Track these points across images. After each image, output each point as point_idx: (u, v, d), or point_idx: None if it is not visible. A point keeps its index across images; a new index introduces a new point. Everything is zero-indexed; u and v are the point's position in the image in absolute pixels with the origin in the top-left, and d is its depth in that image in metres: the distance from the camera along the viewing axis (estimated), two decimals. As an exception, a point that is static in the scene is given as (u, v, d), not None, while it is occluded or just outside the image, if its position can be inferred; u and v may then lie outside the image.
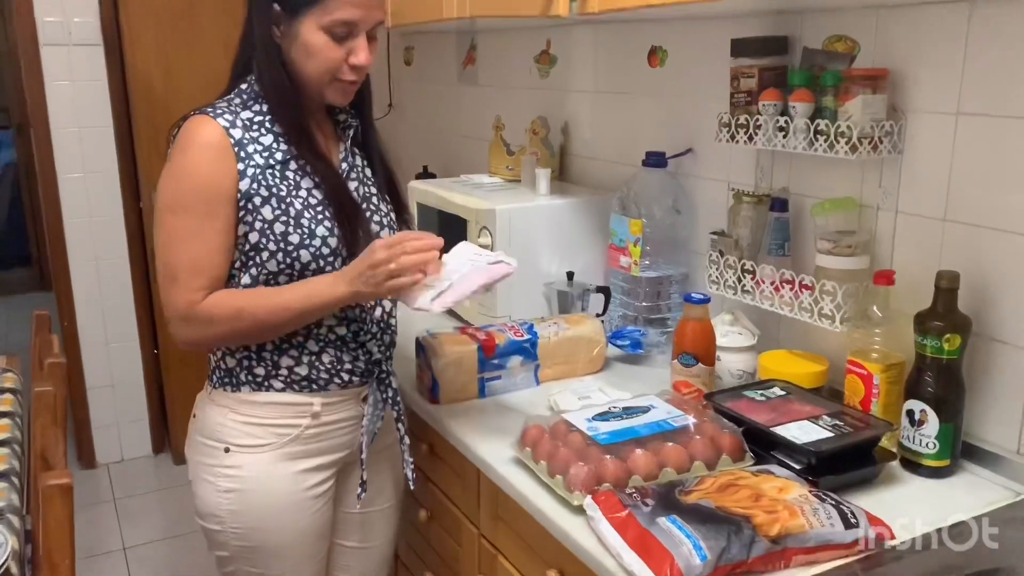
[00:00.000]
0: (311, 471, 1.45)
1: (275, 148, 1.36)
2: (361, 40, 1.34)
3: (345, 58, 1.34)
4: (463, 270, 1.34)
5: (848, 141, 1.38)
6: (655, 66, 1.96)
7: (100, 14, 3.15)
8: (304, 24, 1.31)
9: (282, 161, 1.36)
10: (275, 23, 1.34)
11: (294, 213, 1.34)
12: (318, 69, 1.34)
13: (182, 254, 1.31)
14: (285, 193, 1.34)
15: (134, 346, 3.47)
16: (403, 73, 3.21)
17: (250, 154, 1.33)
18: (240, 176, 1.32)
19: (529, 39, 2.40)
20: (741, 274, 1.60)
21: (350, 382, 1.45)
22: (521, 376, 1.68)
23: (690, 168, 1.88)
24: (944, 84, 1.36)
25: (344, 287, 1.31)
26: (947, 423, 1.30)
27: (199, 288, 1.32)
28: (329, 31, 1.31)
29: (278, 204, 1.33)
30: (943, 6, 1.34)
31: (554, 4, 1.57)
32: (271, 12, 1.33)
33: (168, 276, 1.33)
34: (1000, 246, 1.31)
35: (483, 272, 1.34)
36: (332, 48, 1.32)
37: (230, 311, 1.32)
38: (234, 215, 1.33)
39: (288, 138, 1.37)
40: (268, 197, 1.33)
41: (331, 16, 1.30)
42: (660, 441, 1.29)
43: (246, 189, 1.32)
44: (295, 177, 1.36)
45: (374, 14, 1.34)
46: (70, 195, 3.24)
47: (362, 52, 1.34)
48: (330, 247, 1.35)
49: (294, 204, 1.34)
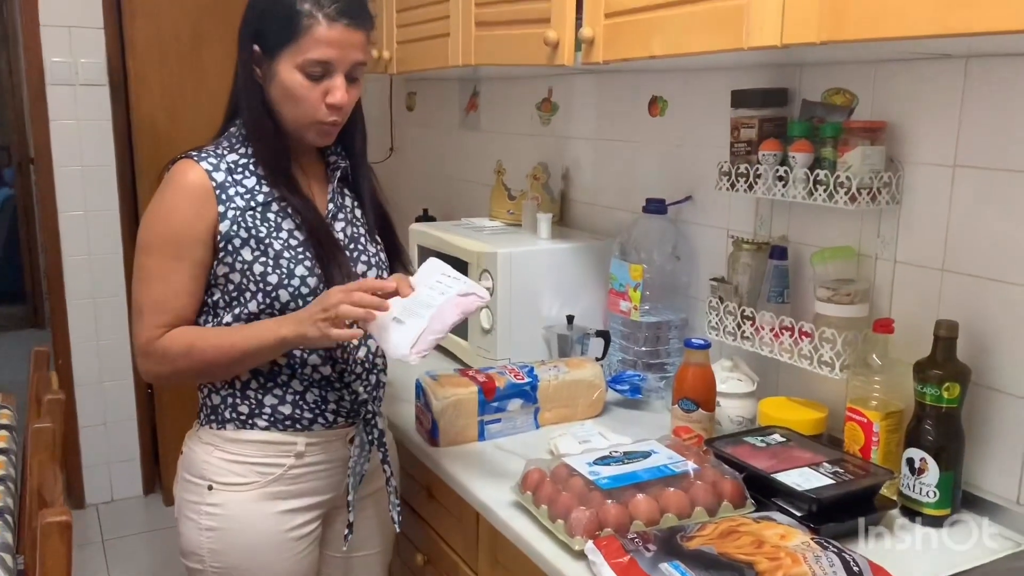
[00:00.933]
0: (295, 512, 1.44)
1: (257, 190, 1.38)
2: (337, 80, 1.34)
3: (322, 98, 1.34)
4: (435, 303, 1.31)
5: (847, 191, 1.40)
6: (655, 115, 1.99)
7: (107, 55, 3.19)
8: (281, 64, 1.33)
9: (264, 203, 1.37)
10: (256, 63, 1.37)
11: (273, 254, 1.35)
12: (296, 109, 1.35)
13: (148, 293, 1.36)
14: (265, 234, 1.36)
15: (128, 384, 3.45)
16: (405, 118, 3.26)
17: (231, 197, 1.35)
18: (220, 219, 1.34)
19: (531, 87, 2.44)
20: (741, 320, 1.61)
21: (335, 422, 1.45)
22: (521, 419, 1.68)
23: (690, 215, 1.90)
24: (941, 137, 1.39)
25: (289, 328, 1.30)
26: (947, 472, 1.30)
27: (160, 326, 1.35)
28: (304, 71, 1.32)
29: (257, 245, 1.35)
30: (939, 61, 1.38)
31: (559, 54, 1.60)
32: (251, 52, 1.36)
33: (136, 312, 1.38)
34: (998, 296, 1.33)
35: (454, 306, 1.31)
36: (308, 88, 1.33)
37: (181, 348, 1.35)
38: (208, 258, 1.35)
39: (268, 179, 1.38)
40: (247, 239, 1.35)
41: (305, 56, 1.31)
42: (661, 486, 1.29)
43: (226, 231, 1.34)
44: (276, 218, 1.38)
45: (350, 54, 1.34)
46: (70, 233, 3.25)
47: (338, 92, 1.34)
48: (309, 287, 1.36)
49: (273, 245, 1.36)
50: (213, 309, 1.39)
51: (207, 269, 1.36)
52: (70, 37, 3.13)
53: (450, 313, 1.31)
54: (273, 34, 1.33)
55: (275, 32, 1.33)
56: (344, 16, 1.31)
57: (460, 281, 1.35)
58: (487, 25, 1.86)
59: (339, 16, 1.31)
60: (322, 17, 1.30)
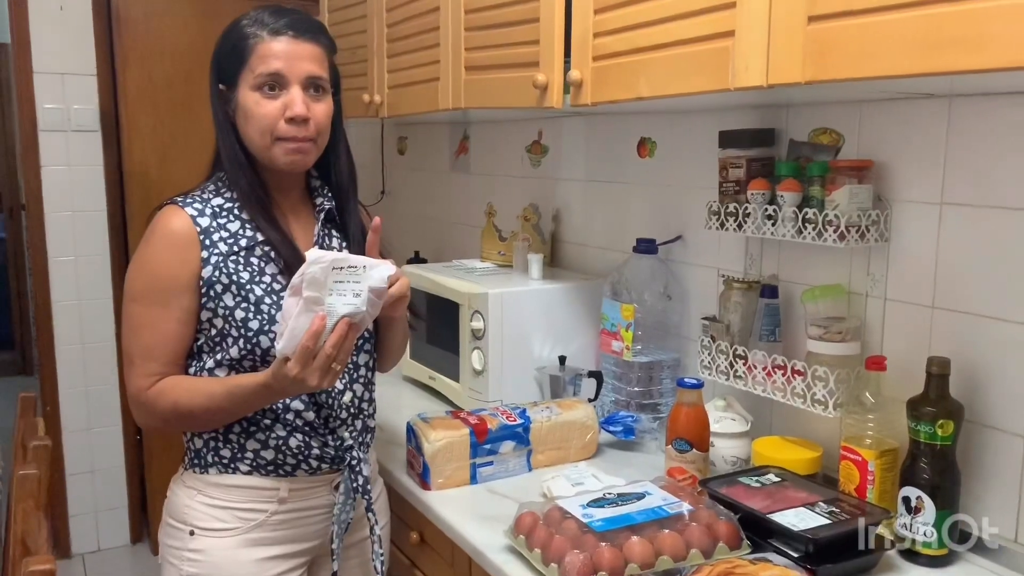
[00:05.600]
0: (277, 559, 1.41)
1: (240, 234, 1.37)
2: (294, 91, 1.34)
3: (281, 113, 1.34)
4: None
5: (836, 229, 1.41)
6: (644, 156, 2.01)
7: (99, 101, 3.21)
8: (240, 90, 1.36)
9: (247, 247, 1.37)
10: (224, 102, 1.39)
11: (254, 299, 1.34)
12: (256, 129, 1.35)
13: (137, 341, 1.36)
14: (247, 279, 1.35)
15: (116, 431, 3.41)
16: (396, 161, 3.28)
17: (215, 242, 1.35)
18: (203, 264, 1.34)
19: (521, 129, 2.46)
20: (733, 359, 1.60)
21: (319, 468, 1.42)
22: (513, 462, 1.67)
23: (680, 255, 1.91)
24: (927, 175, 1.40)
25: (265, 377, 1.26)
26: (943, 510, 1.29)
27: (151, 374, 1.35)
28: (259, 89, 1.34)
29: (238, 291, 1.34)
30: (923, 101, 1.39)
31: (548, 96, 1.62)
32: (219, 92, 1.39)
33: (127, 360, 1.38)
34: (989, 332, 1.33)
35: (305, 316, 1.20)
36: (264, 104, 1.34)
37: (167, 406, 1.35)
38: (194, 303, 1.35)
39: (247, 212, 1.38)
40: (228, 284, 1.34)
41: (255, 72, 1.34)
42: (656, 528, 1.28)
43: (208, 277, 1.34)
44: (260, 263, 1.37)
45: (299, 65, 1.34)
46: (60, 278, 3.24)
47: (296, 104, 1.34)
48: None
49: (255, 290, 1.35)
50: (197, 353, 1.38)
51: (195, 314, 1.35)
52: (63, 84, 3.15)
53: (304, 319, 1.21)
54: (229, 66, 1.37)
55: (230, 63, 1.37)
56: (288, 28, 1.35)
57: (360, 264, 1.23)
58: (477, 69, 1.88)
59: (283, 29, 1.35)
60: (266, 33, 1.34)
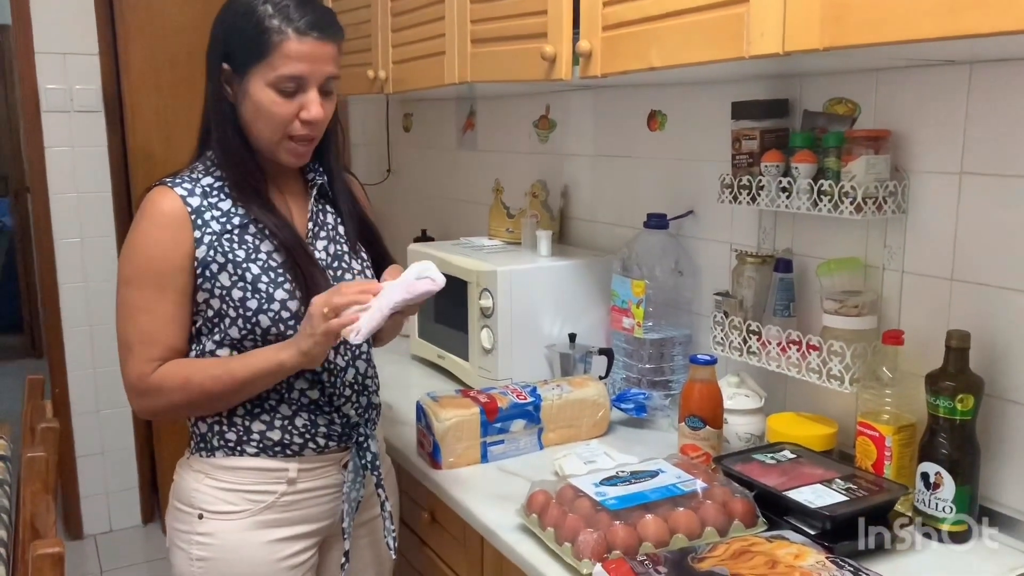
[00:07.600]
0: (288, 540, 1.40)
1: (233, 212, 1.35)
2: (312, 94, 1.31)
3: (296, 113, 1.31)
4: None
5: (852, 201, 1.38)
6: (655, 129, 1.98)
7: (102, 81, 3.19)
8: (252, 82, 1.30)
9: (240, 225, 1.34)
10: (227, 82, 1.34)
11: (251, 278, 1.32)
12: (268, 126, 1.32)
13: (135, 326, 1.32)
14: (243, 258, 1.32)
15: (126, 413, 3.41)
16: (402, 139, 3.24)
17: (207, 221, 1.32)
18: (196, 244, 1.31)
19: (528, 104, 2.43)
20: (746, 335, 1.58)
21: (327, 447, 1.41)
22: (524, 440, 1.65)
23: (692, 229, 1.88)
24: (946, 144, 1.37)
25: (288, 350, 1.27)
26: (963, 486, 1.27)
27: (152, 359, 1.32)
28: (276, 87, 1.29)
29: (234, 270, 1.32)
30: (942, 68, 1.36)
31: (556, 68, 1.59)
32: (221, 71, 1.33)
33: (124, 347, 1.34)
34: (1009, 305, 1.30)
35: (401, 287, 1.26)
36: (281, 104, 1.30)
37: (179, 381, 1.31)
38: (190, 285, 1.32)
39: (239, 199, 1.35)
40: (224, 264, 1.32)
41: (276, 72, 1.28)
42: (670, 506, 1.26)
43: (202, 257, 1.31)
44: (254, 241, 1.34)
45: (322, 68, 1.31)
46: (66, 260, 3.23)
47: (313, 106, 1.31)
48: (290, 311, 1.32)
49: (251, 269, 1.32)
50: (196, 336, 1.36)
51: (191, 297, 1.33)
52: (65, 64, 3.12)
53: (396, 293, 1.25)
54: (242, 52, 1.30)
55: (244, 50, 1.30)
56: (314, 29, 1.29)
57: (422, 266, 1.29)
58: (483, 42, 1.85)
59: (309, 29, 1.28)
60: (292, 32, 1.27)
